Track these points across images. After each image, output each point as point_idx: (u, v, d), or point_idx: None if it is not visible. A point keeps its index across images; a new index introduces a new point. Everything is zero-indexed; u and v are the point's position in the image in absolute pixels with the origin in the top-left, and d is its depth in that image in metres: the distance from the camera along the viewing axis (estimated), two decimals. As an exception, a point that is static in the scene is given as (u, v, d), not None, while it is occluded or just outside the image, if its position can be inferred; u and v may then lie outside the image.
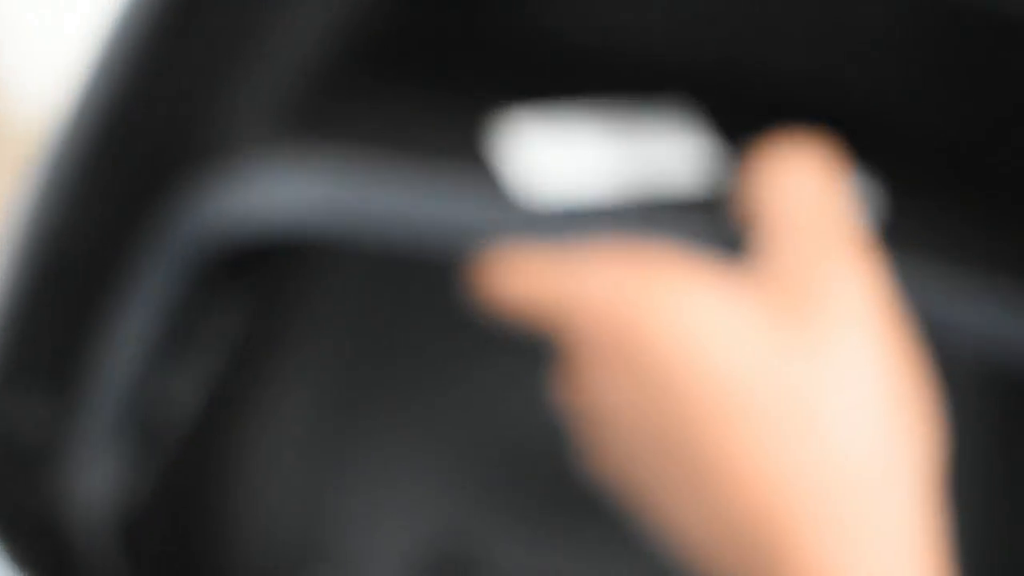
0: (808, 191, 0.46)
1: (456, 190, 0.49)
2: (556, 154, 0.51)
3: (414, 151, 0.51)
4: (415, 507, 0.72)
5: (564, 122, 0.52)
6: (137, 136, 0.49)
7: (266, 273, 0.56)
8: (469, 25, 0.56)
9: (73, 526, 0.54)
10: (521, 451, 0.68)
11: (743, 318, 0.43)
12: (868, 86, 0.56)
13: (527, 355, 0.54)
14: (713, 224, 0.50)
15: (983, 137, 0.55)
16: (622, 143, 0.52)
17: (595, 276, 0.46)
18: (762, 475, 0.42)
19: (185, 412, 0.55)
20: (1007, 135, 0.53)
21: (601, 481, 0.51)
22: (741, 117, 0.54)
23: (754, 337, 0.43)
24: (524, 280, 0.48)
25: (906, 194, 0.51)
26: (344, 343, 0.69)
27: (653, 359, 0.44)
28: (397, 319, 0.69)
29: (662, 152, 0.52)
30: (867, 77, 0.56)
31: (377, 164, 0.50)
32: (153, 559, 0.59)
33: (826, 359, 0.43)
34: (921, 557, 0.41)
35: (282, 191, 0.50)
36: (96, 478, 0.55)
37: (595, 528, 0.66)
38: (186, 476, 0.63)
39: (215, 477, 0.65)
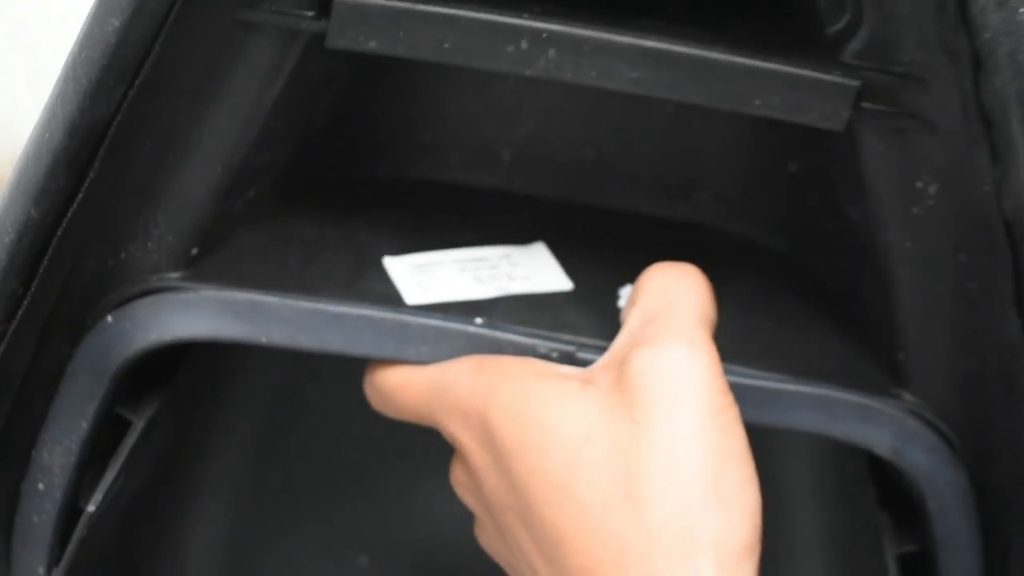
0: (661, 285, 0.50)
1: (344, 299, 0.53)
2: (427, 280, 0.55)
3: (305, 275, 0.54)
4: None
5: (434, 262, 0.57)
6: (64, 261, 0.50)
7: (182, 385, 0.57)
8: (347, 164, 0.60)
9: None
10: (431, 547, 0.70)
11: (566, 399, 0.47)
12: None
13: (434, 449, 0.55)
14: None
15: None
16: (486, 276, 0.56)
17: (454, 379, 0.51)
18: (586, 540, 0.45)
19: (104, 523, 0.56)
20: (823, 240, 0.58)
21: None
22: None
23: (574, 416, 0.47)
24: (401, 384, 0.53)
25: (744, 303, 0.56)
26: (259, 447, 0.70)
27: (501, 445, 0.48)
28: (307, 420, 0.70)
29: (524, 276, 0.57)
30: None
31: (273, 285, 0.53)
32: None
33: (644, 429, 0.46)
34: None
35: (185, 312, 0.52)
36: None
37: None
38: None
39: None
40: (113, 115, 0.48)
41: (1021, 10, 0.44)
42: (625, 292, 0.56)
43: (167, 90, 0.49)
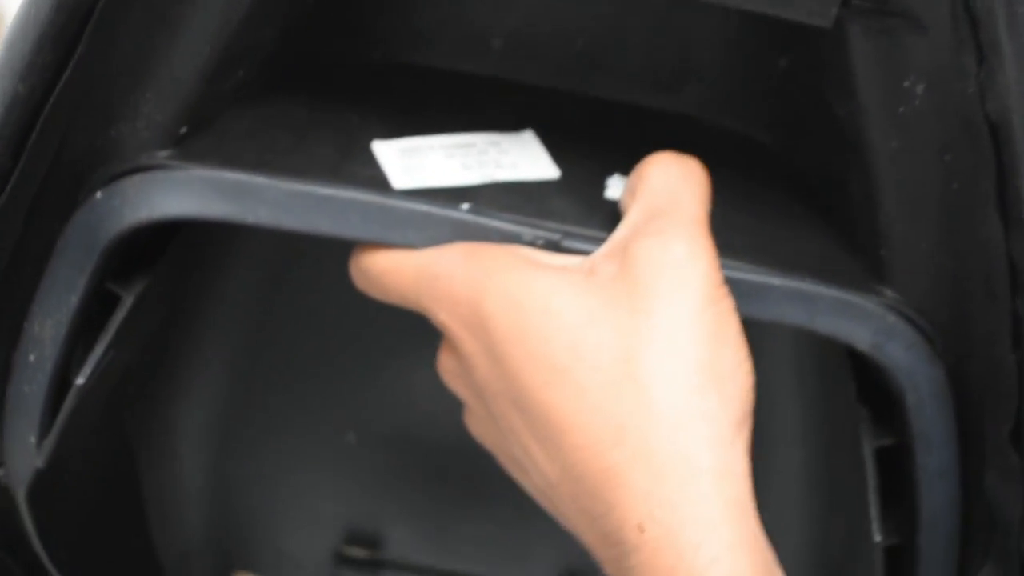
0: (665, 179, 0.51)
1: (331, 181, 0.53)
2: (415, 164, 0.56)
3: (293, 157, 0.55)
4: (326, 495, 0.75)
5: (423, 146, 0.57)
6: (52, 137, 0.50)
7: (172, 263, 0.58)
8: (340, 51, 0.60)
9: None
10: (419, 428, 0.71)
11: (568, 289, 0.48)
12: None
13: (421, 335, 0.56)
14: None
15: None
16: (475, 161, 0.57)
17: (446, 268, 0.51)
18: (584, 419, 0.47)
19: (95, 397, 0.57)
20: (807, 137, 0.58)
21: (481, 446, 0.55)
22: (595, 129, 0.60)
23: (577, 303, 0.48)
24: (388, 268, 0.53)
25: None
26: (249, 326, 0.71)
27: (494, 332, 0.49)
28: (298, 299, 0.71)
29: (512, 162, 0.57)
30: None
31: (261, 165, 0.53)
32: (68, 532, 0.61)
33: (645, 315, 0.47)
34: (731, 491, 0.45)
35: (173, 190, 0.52)
36: (12, 455, 0.57)
37: (482, 497, 0.69)
38: (103, 456, 0.64)
39: (131, 458, 0.66)
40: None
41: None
42: (613, 182, 0.56)
43: None
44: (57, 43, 0.48)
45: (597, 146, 0.58)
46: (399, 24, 0.62)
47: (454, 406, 0.56)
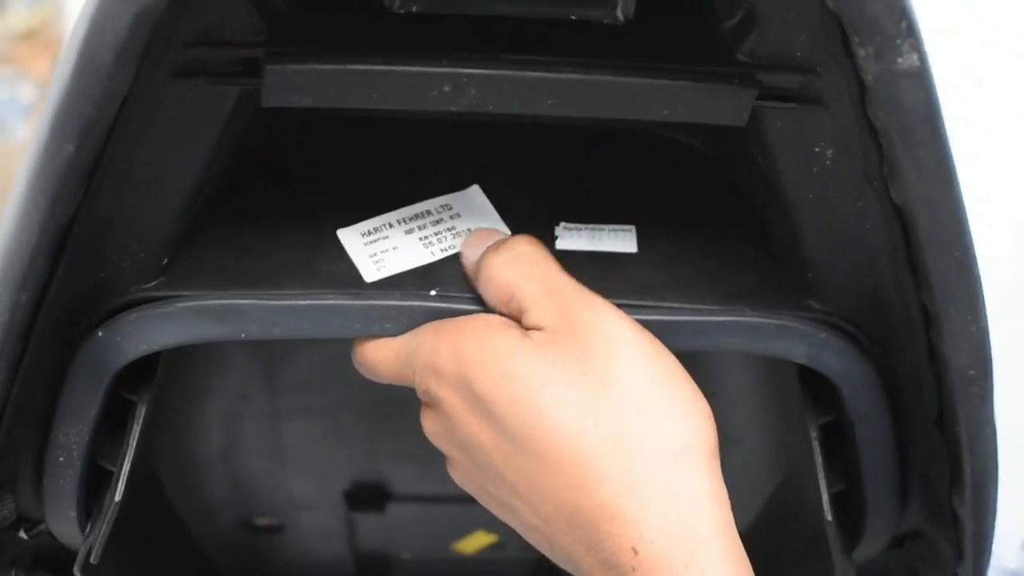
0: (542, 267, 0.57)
1: (310, 290, 0.59)
2: (380, 251, 0.61)
3: (267, 261, 0.60)
4: (335, 457, 0.82)
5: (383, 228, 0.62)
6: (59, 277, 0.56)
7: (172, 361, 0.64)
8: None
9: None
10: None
11: (542, 356, 0.55)
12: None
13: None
14: None
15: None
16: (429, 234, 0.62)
17: (419, 345, 0.58)
18: (566, 466, 0.53)
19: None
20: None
21: None
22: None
23: (552, 365, 0.54)
24: (376, 358, 0.60)
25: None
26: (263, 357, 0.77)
27: (486, 399, 0.55)
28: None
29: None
30: None
31: (244, 282, 0.59)
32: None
33: (608, 365, 0.54)
34: (710, 511, 0.53)
35: (168, 323, 0.58)
36: (59, 527, 0.64)
37: None
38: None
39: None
40: (78, 209, 0.52)
41: (899, 60, 0.48)
42: (562, 233, 0.61)
43: (124, 148, 0.53)
44: (49, 257, 0.53)
45: (539, 190, 0.63)
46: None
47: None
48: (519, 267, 0.56)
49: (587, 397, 0.53)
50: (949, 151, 0.51)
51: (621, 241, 0.62)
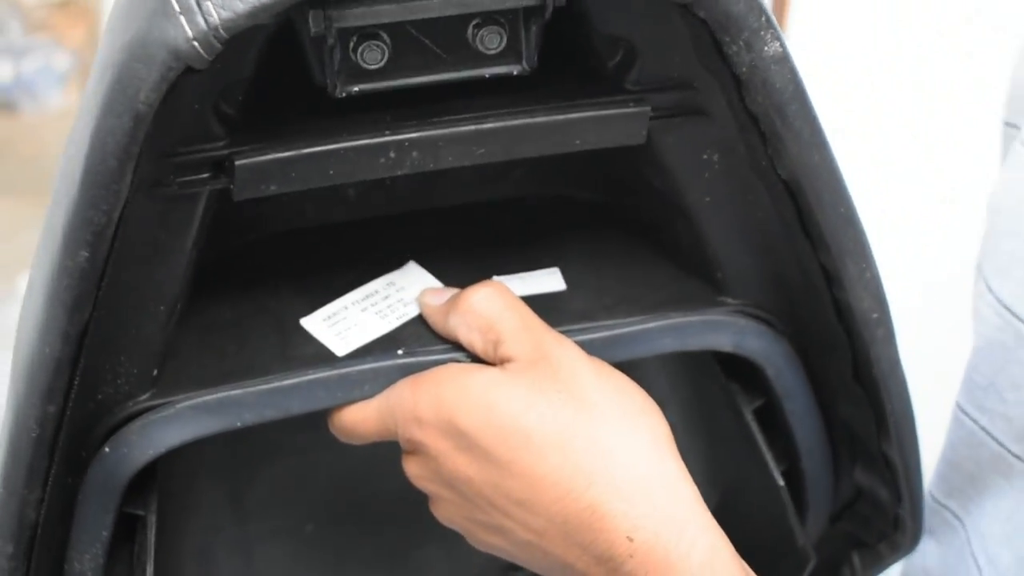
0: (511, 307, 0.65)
1: (292, 371, 0.65)
2: (344, 329, 0.68)
3: (244, 354, 0.66)
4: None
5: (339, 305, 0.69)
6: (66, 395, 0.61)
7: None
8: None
9: None
10: (364, 511, 0.84)
11: (520, 383, 0.62)
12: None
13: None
14: None
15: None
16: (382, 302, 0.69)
17: (398, 400, 0.64)
18: (558, 477, 0.60)
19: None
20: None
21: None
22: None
23: (531, 389, 0.61)
24: (357, 420, 0.66)
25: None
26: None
27: (472, 434, 0.62)
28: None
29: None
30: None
31: (230, 376, 0.65)
32: None
33: (577, 385, 0.62)
34: (683, 492, 0.60)
35: (169, 426, 0.64)
36: None
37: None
38: None
39: None
40: (89, 319, 0.58)
41: (765, 48, 0.58)
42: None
43: (116, 260, 0.59)
44: (71, 362, 0.59)
45: (467, 257, 0.71)
46: (270, 211, 0.73)
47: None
48: (497, 300, 0.64)
49: (566, 412, 0.61)
50: (819, 122, 0.61)
51: (550, 281, 0.70)
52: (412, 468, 0.66)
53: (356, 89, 0.59)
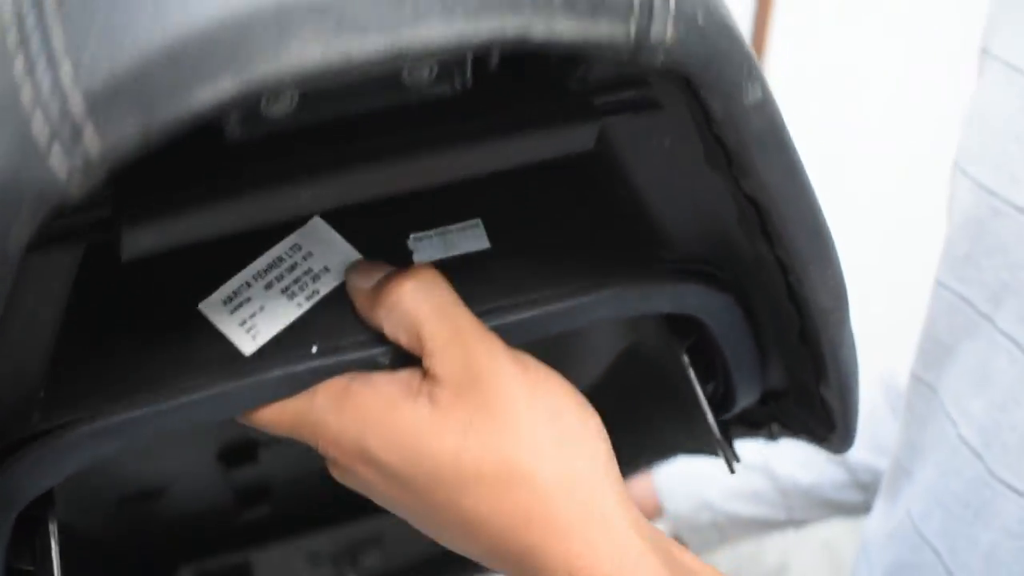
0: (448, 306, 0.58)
1: (197, 385, 0.59)
2: (248, 316, 0.61)
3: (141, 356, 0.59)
4: None
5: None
6: None
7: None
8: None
9: None
10: None
11: (451, 424, 0.57)
12: None
13: None
14: None
15: None
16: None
17: (321, 417, 0.59)
18: (495, 520, 0.56)
19: None
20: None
21: None
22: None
23: (465, 433, 0.57)
24: (271, 419, 0.61)
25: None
26: None
27: (382, 461, 0.58)
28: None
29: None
30: None
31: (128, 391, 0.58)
32: None
33: (512, 417, 0.57)
34: (624, 519, 0.57)
35: (65, 454, 0.58)
36: None
37: None
38: None
39: None
40: None
41: (745, 99, 0.49)
42: (416, 246, 0.62)
43: None
44: None
45: (377, 211, 0.63)
46: None
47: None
48: (426, 298, 0.58)
49: (502, 453, 0.56)
50: (796, 151, 0.53)
51: (472, 239, 0.63)
52: (337, 475, 0.61)
53: (260, 133, 0.50)
